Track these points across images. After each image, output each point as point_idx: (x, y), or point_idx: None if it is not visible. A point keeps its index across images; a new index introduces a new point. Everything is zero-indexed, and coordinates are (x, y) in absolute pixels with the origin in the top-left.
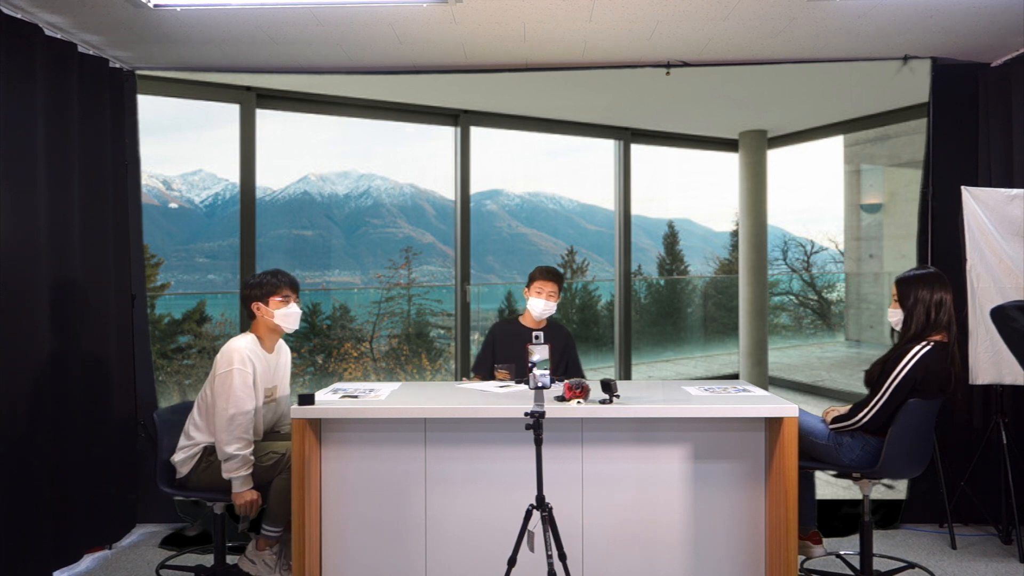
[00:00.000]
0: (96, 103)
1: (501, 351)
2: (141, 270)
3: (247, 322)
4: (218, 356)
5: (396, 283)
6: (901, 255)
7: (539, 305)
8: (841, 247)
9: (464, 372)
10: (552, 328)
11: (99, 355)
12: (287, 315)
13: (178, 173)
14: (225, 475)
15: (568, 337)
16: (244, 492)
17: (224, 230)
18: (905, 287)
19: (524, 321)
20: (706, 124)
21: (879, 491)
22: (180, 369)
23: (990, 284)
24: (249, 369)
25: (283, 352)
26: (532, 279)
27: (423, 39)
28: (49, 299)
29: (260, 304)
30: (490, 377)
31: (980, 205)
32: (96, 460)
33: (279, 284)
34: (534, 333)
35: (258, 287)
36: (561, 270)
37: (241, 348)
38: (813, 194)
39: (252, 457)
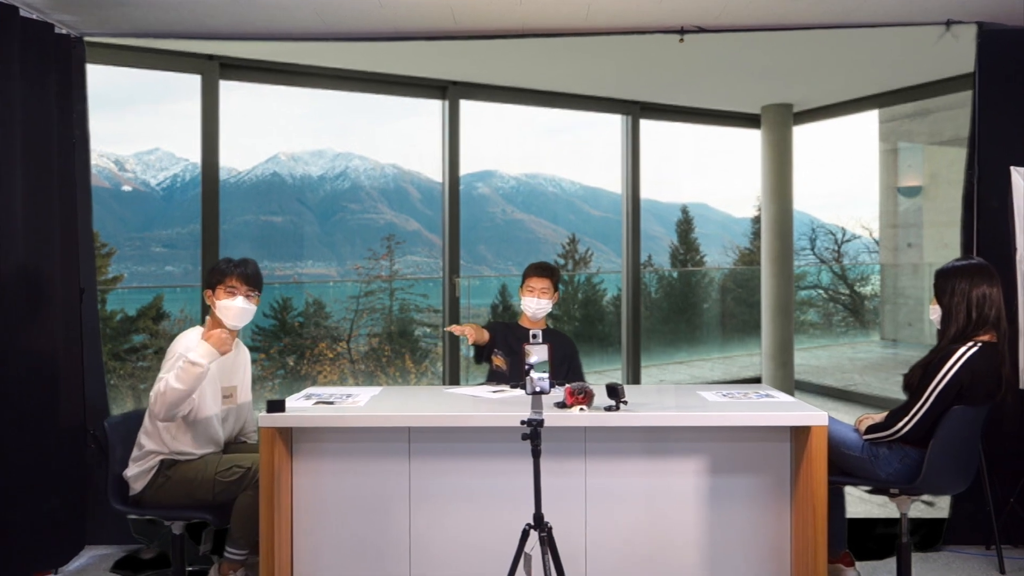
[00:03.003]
0: (40, 73)
1: (501, 349)
2: (91, 260)
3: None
4: (168, 350)
5: (377, 275)
6: (943, 244)
7: (532, 304)
8: (876, 235)
9: (452, 375)
10: (552, 336)
11: (44, 356)
12: (228, 308)
13: (132, 152)
14: (180, 380)
15: (570, 346)
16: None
17: (184, 216)
18: (943, 280)
19: (522, 323)
20: (724, 97)
21: (918, 509)
22: (134, 372)
23: None
24: None
25: (241, 350)
26: (524, 277)
27: (407, 2)
28: None
29: (209, 292)
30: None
31: None
32: (40, 474)
33: (228, 272)
34: (532, 332)
35: (212, 274)
36: (561, 261)
37: (192, 339)
38: (844, 176)
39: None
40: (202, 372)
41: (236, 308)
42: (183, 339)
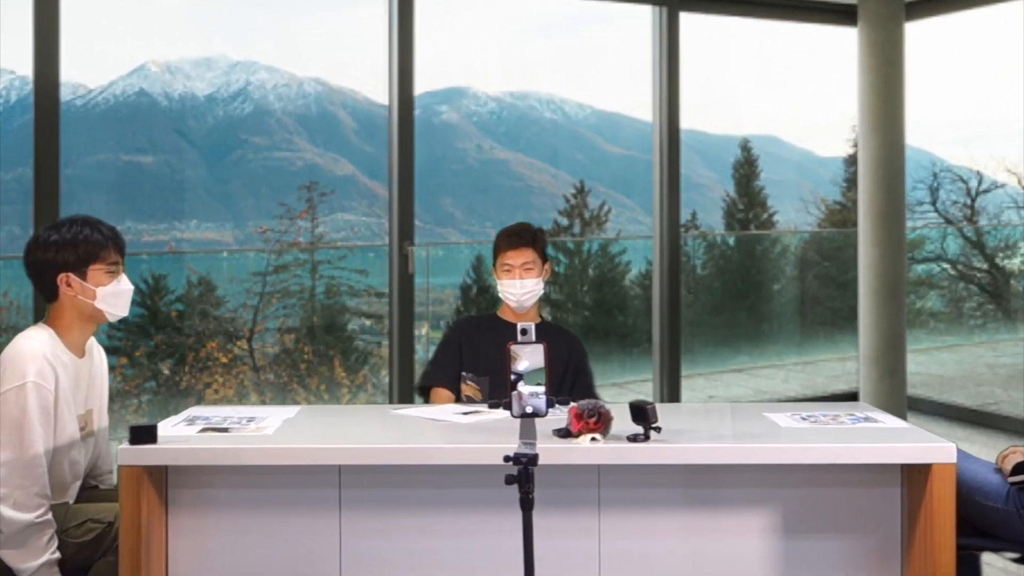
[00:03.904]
0: None
1: (471, 361)
2: None
3: (43, 305)
4: None
5: (292, 242)
6: None
7: (513, 289)
8: None
9: (405, 385)
10: (550, 333)
11: None
12: (117, 295)
13: None
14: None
15: (576, 348)
16: None
17: (8, 155)
18: None
19: (504, 315)
20: None
21: None
22: None
23: None
24: (50, 384)
25: (96, 355)
26: (496, 250)
27: None
28: None
29: (71, 276)
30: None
31: None
32: None
33: (103, 243)
34: (520, 327)
35: (67, 248)
36: (564, 221)
37: (36, 351)
38: (980, 96)
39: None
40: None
41: (125, 294)
42: (21, 360)
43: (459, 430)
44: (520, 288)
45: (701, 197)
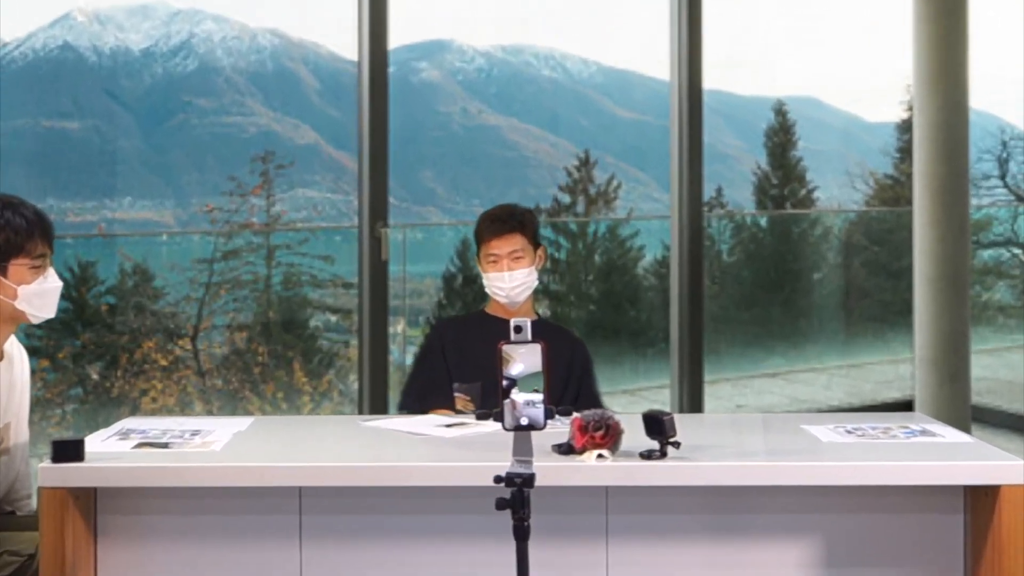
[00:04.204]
0: None
1: (457, 370)
2: None
3: None
4: None
5: (244, 223)
6: None
7: (502, 282)
8: None
9: (377, 392)
10: (548, 333)
11: None
12: (44, 293)
13: None
14: None
15: (580, 351)
16: None
17: None
18: None
19: (494, 312)
20: None
21: None
22: None
23: None
24: None
25: (18, 360)
26: (478, 238)
27: None
28: None
29: None
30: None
31: None
32: None
33: (27, 231)
34: (513, 323)
35: None
36: (566, 198)
37: None
38: None
39: None
40: None
41: (52, 292)
42: None
43: (441, 445)
44: (509, 281)
45: (728, 170)
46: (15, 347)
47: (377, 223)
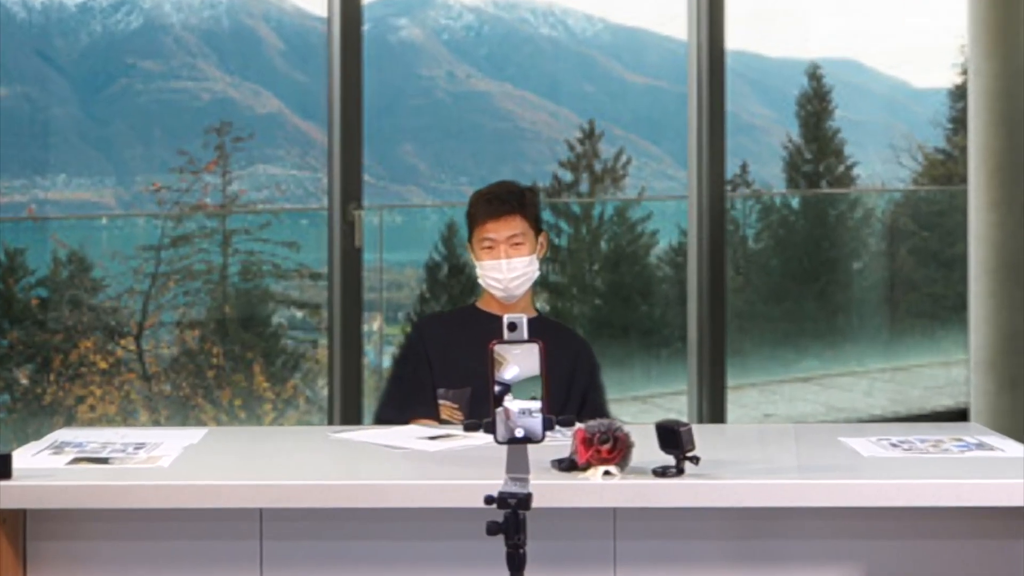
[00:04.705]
0: None
1: (443, 375)
2: None
3: None
4: None
5: (196, 204)
6: None
7: (499, 272)
8: None
9: (349, 399)
10: (548, 332)
11: None
12: None
13: None
14: None
15: (584, 354)
16: None
17: None
18: None
19: (487, 307)
20: None
21: None
22: None
23: None
24: None
25: None
26: (471, 221)
27: None
28: None
29: None
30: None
31: None
32: None
33: None
34: (506, 319)
35: None
36: (568, 176)
37: None
38: None
39: None
40: None
41: None
42: None
43: (424, 461)
44: (507, 270)
45: (754, 143)
46: None
47: (349, 204)
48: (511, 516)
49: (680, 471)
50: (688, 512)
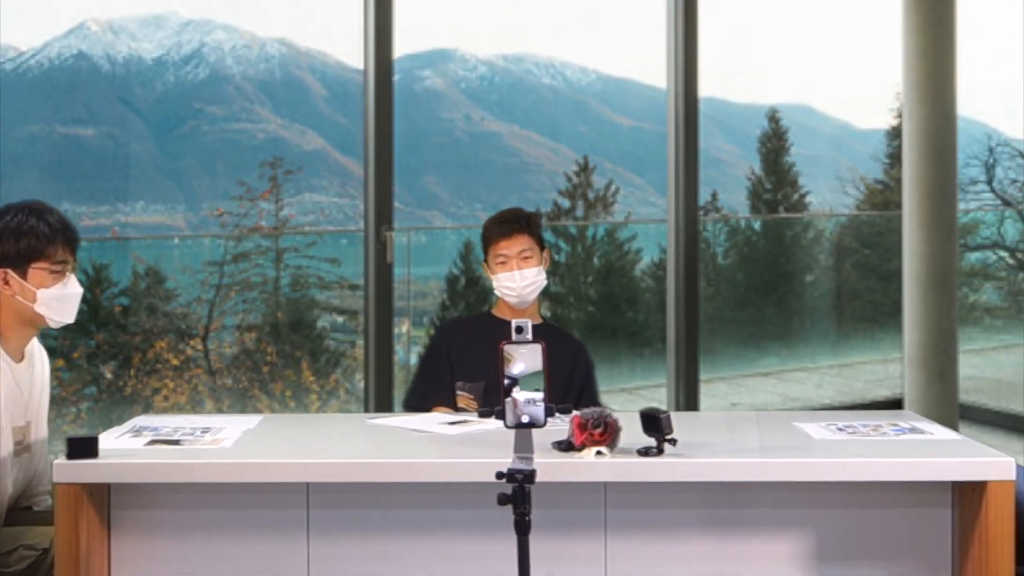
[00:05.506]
0: None
1: (463, 372)
2: None
3: None
4: None
5: (253, 227)
6: None
7: (513, 282)
8: None
9: (382, 391)
10: (550, 336)
11: None
12: (63, 298)
13: None
14: None
15: (581, 356)
16: None
17: None
18: None
19: (501, 313)
20: None
21: None
22: None
23: None
24: None
25: (38, 361)
26: (486, 241)
27: None
28: None
29: (9, 273)
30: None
31: None
32: None
33: (49, 237)
34: (514, 323)
35: (6, 239)
36: (566, 203)
37: None
38: None
39: None
40: None
41: (75, 296)
42: None
43: (445, 443)
44: (520, 280)
45: (722, 175)
46: (36, 348)
47: (382, 227)
48: (518, 489)
49: (661, 451)
50: (668, 486)
